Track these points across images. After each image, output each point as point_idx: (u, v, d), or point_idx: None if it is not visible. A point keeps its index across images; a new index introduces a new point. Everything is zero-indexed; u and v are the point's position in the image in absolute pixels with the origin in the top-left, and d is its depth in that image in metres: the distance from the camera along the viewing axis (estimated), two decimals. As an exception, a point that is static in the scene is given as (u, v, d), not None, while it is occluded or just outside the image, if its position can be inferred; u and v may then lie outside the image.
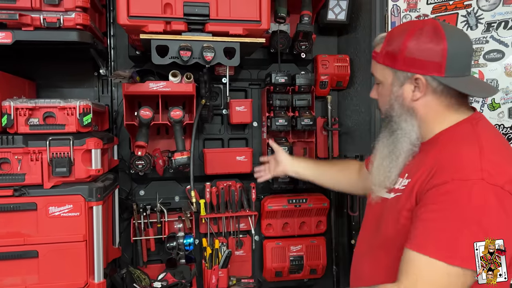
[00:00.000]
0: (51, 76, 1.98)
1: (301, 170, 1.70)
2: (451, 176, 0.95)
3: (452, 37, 1.05)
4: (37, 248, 1.50)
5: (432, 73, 1.05)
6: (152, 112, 1.79)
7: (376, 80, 1.20)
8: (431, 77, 1.06)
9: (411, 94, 1.09)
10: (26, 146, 1.49)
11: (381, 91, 1.19)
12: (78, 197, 1.53)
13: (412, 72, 1.07)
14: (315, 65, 2.24)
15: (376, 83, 1.21)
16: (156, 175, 2.05)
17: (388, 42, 1.12)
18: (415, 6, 1.92)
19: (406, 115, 1.12)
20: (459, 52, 1.06)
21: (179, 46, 1.59)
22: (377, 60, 1.16)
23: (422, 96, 1.09)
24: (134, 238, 2.02)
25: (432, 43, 1.05)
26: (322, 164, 1.73)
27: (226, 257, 2.05)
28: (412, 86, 1.09)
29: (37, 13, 1.52)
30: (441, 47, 1.04)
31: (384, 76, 1.15)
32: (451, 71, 1.05)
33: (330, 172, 1.68)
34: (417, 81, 1.07)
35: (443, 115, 1.10)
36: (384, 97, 1.17)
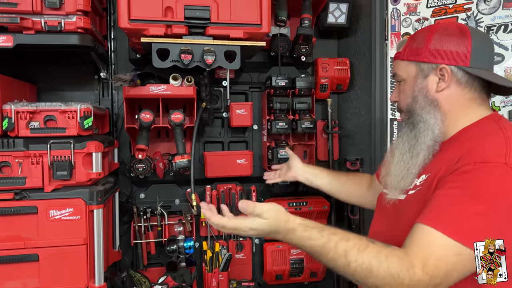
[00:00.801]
0: (52, 80, 1.99)
1: (313, 177, 1.67)
2: (473, 159, 0.95)
3: (475, 34, 1.09)
4: (37, 251, 1.50)
5: (458, 63, 1.07)
6: (152, 115, 1.79)
7: (398, 78, 1.20)
8: (456, 67, 1.07)
9: (436, 85, 1.10)
10: (27, 149, 1.49)
11: (403, 88, 1.18)
12: (79, 201, 1.53)
13: (437, 62, 1.09)
14: (315, 68, 2.24)
15: (397, 81, 1.21)
16: (157, 178, 2.05)
17: (412, 39, 1.16)
18: (415, 10, 1.92)
19: (430, 107, 1.11)
20: (483, 47, 1.10)
21: (180, 49, 1.59)
22: (401, 58, 1.17)
23: (446, 87, 1.09)
24: (134, 241, 2.02)
25: (456, 36, 1.08)
26: (334, 174, 1.69)
27: (226, 260, 2.04)
28: (437, 77, 1.10)
29: (38, 16, 1.52)
30: (465, 39, 1.07)
31: (408, 72, 1.15)
32: (476, 62, 1.07)
33: (342, 182, 1.64)
34: (442, 71, 1.08)
35: (467, 108, 1.10)
36: (407, 92, 1.17)
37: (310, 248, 1.02)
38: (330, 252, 0.98)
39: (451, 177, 0.97)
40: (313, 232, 1.02)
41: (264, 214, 1.06)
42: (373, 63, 1.98)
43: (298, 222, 1.05)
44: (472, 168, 0.94)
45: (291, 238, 1.05)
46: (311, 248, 1.01)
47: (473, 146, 0.99)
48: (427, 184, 1.05)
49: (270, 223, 1.06)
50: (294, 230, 1.04)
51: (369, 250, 0.95)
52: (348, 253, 0.96)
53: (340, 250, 0.97)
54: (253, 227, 1.07)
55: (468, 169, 0.95)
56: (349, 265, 0.96)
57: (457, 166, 0.97)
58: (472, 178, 0.93)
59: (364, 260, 0.94)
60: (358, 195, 1.60)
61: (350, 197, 1.65)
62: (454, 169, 0.97)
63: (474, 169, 0.94)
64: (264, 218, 1.06)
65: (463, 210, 0.92)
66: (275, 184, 2.05)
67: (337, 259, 0.98)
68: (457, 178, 0.96)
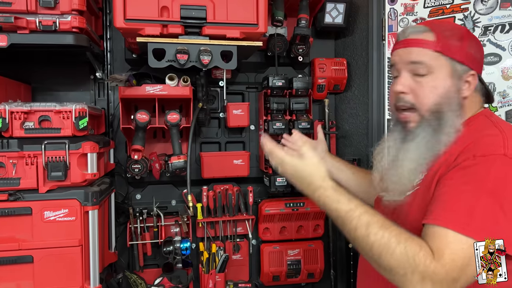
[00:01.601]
0: (46, 80, 1.97)
1: (335, 170, 1.57)
2: (472, 154, 0.96)
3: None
4: (32, 253, 1.48)
5: (479, 70, 1.11)
6: (148, 115, 1.78)
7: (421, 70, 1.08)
8: (478, 75, 1.10)
9: (463, 90, 1.09)
10: (21, 150, 1.47)
11: (430, 82, 1.08)
12: (74, 202, 1.51)
13: (471, 67, 1.08)
14: (312, 69, 2.24)
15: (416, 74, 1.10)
16: (153, 179, 2.04)
17: (445, 33, 1.08)
18: (412, 10, 1.92)
19: (459, 111, 1.09)
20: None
21: (176, 49, 1.58)
22: (433, 48, 1.07)
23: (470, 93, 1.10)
24: (130, 243, 2.00)
25: (478, 42, 1.13)
26: (355, 170, 1.60)
27: (223, 262, 2.03)
28: (464, 81, 1.09)
29: (33, 16, 1.51)
30: (481, 47, 1.12)
31: (439, 66, 1.07)
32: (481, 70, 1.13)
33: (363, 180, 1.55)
34: (470, 78, 1.08)
35: (471, 110, 1.12)
36: (437, 89, 1.08)
37: (336, 211, 1.01)
38: (354, 221, 0.98)
39: (452, 173, 0.97)
40: (343, 196, 1.02)
41: (306, 155, 1.09)
42: (370, 64, 1.98)
43: (332, 184, 1.05)
44: (473, 162, 0.95)
45: (320, 195, 1.05)
46: (337, 211, 1.01)
47: (471, 142, 1.00)
48: (426, 183, 1.04)
49: (308, 168, 1.08)
50: (326, 188, 1.04)
51: (391, 230, 0.94)
52: (370, 226, 0.95)
53: (363, 221, 0.96)
54: (293, 164, 1.10)
55: (469, 164, 0.95)
56: (368, 237, 0.95)
57: (457, 162, 0.97)
58: (473, 172, 0.94)
59: (384, 236, 0.93)
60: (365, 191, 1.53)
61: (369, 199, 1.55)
62: (453, 165, 0.97)
63: (475, 164, 0.94)
64: (304, 158, 1.08)
65: (470, 205, 0.91)
66: (272, 184, 2.05)
67: (358, 228, 0.97)
68: (459, 174, 0.96)
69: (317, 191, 1.05)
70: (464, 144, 1.01)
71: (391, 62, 1.19)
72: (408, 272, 0.89)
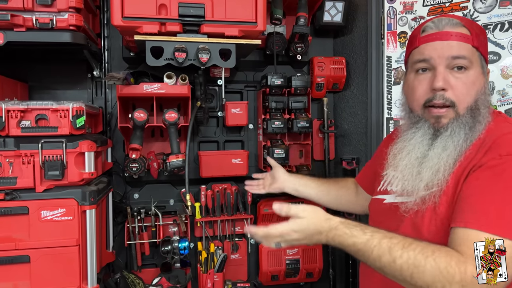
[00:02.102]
0: (43, 78, 1.96)
1: (301, 188, 1.61)
2: (498, 152, 0.94)
3: None
4: (29, 253, 1.47)
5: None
6: (146, 114, 1.77)
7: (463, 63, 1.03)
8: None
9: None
10: (17, 149, 1.46)
11: (470, 78, 1.04)
12: (71, 201, 1.50)
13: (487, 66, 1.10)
14: (311, 67, 2.23)
15: (454, 68, 1.05)
16: (151, 178, 2.03)
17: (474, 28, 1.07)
18: (411, 8, 1.91)
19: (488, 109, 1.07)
20: None
21: (174, 47, 1.57)
22: (471, 43, 1.04)
23: None
24: (128, 242, 1.99)
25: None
26: (322, 182, 1.63)
27: (221, 261, 2.02)
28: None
29: (29, 13, 1.50)
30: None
31: (477, 62, 1.05)
32: None
33: (331, 190, 1.59)
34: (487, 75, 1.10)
35: None
36: (476, 85, 1.05)
37: (354, 245, 0.98)
38: (374, 250, 0.94)
39: (478, 173, 0.95)
40: (355, 229, 0.99)
41: (300, 213, 1.04)
42: (369, 62, 1.97)
43: (339, 220, 1.03)
44: (499, 161, 0.93)
45: (334, 236, 1.01)
46: (355, 245, 0.98)
47: (493, 142, 0.97)
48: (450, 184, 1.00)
49: (310, 222, 1.03)
50: (336, 228, 1.01)
51: (414, 247, 0.91)
52: (392, 250, 0.92)
53: (384, 247, 0.93)
54: (295, 228, 1.04)
55: (496, 163, 0.93)
56: (394, 262, 0.91)
57: (482, 162, 0.95)
58: (501, 171, 0.92)
59: (410, 256, 0.90)
60: (347, 201, 1.57)
61: (341, 205, 1.60)
62: (478, 165, 0.95)
63: (502, 163, 0.92)
64: (302, 217, 1.03)
65: (501, 204, 0.89)
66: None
67: (381, 255, 0.93)
68: (486, 174, 0.93)
69: (330, 234, 1.02)
70: (483, 143, 0.99)
71: (421, 56, 1.09)
72: (447, 285, 0.86)
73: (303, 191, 1.61)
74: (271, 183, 1.70)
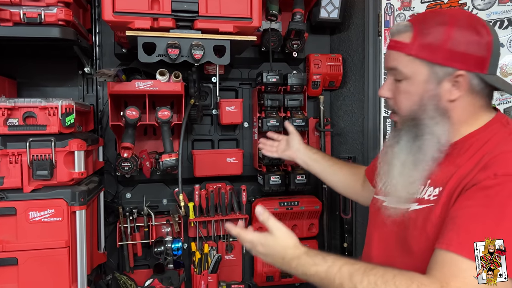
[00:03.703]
0: (33, 75, 1.91)
1: (311, 162, 1.57)
2: (493, 171, 0.87)
3: (492, 30, 0.96)
4: (16, 255, 1.43)
5: (475, 69, 0.95)
6: (138, 112, 1.73)
7: (398, 76, 1.03)
8: (473, 74, 0.96)
9: (449, 93, 0.98)
10: (4, 147, 1.41)
11: (406, 88, 1.02)
12: (60, 201, 1.46)
13: (454, 67, 0.95)
14: (307, 65, 2.19)
15: (392, 78, 1.06)
16: (143, 178, 1.99)
17: (422, 31, 0.98)
18: (409, 5, 1.88)
19: (440, 118, 0.99)
20: (498, 47, 0.97)
21: (166, 43, 1.53)
22: (407, 52, 1.00)
23: (460, 96, 0.98)
24: (120, 243, 1.95)
25: (477, 35, 0.94)
26: (334, 163, 1.58)
27: (215, 262, 1.99)
28: (450, 84, 0.97)
29: (17, 8, 1.46)
30: (486, 40, 0.94)
31: (415, 71, 0.99)
32: (492, 68, 0.96)
33: (340, 173, 1.55)
34: (458, 78, 0.96)
35: (475, 116, 1.00)
36: (412, 96, 1.01)
37: (316, 274, 0.96)
38: (336, 277, 0.93)
39: (471, 193, 0.89)
40: (317, 257, 0.97)
41: (274, 230, 1.04)
42: (366, 60, 1.94)
43: (304, 249, 1.02)
44: (494, 183, 0.86)
45: (297, 264, 1.00)
46: (317, 274, 0.96)
47: (490, 158, 0.90)
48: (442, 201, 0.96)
49: (278, 242, 1.04)
50: (299, 257, 1.00)
51: (375, 272, 0.89)
52: (353, 276, 0.90)
53: (344, 273, 0.92)
54: (262, 242, 1.05)
55: (490, 184, 0.86)
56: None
57: (477, 179, 0.89)
58: (495, 194, 0.85)
59: (370, 280, 0.88)
60: (352, 191, 1.54)
61: (346, 191, 1.57)
62: (472, 183, 0.89)
63: (496, 184, 0.86)
64: (273, 234, 1.04)
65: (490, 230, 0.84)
66: (266, 183, 2.01)
67: (343, 283, 0.91)
68: (479, 195, 0.87)
69: (293, 262, 1.01)
70: (481, 158, 0.92)
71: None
72: None
73: (312, 165, 1.58)
74: (284, 149, 1.66)
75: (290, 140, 1.65)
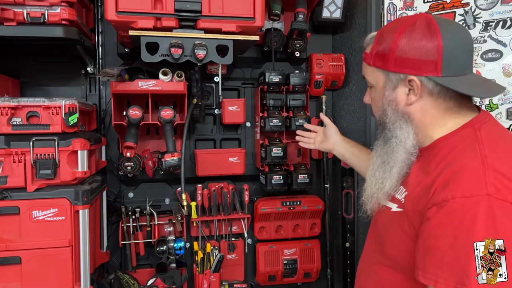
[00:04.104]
0: (36, 74, 1.91)
1: (349, 155, 1.58)
2: (451, 193, 0.85)
3: (447, 32, 0.95)
4: (20, 254, 1.43)
5: (427, 73, 0.96)
6: (141, 111, 1.73)
7: (369, 84, 1.10)
8: (426, 78, 0.96)
9: (405, 97, 1.00)
10: (8, 147, 1.42)
11: (373, 95, 1.10)
12: (64, 201, 1.46)
13: (405, 73, 0.97)
14: (309, 64, 2.19)
15: (369, 87, 1.12)
16: (146, 177, 1.99)
17: (378, 41, 1.02)
18: (412, 5, 1.88)
19: (401, 122, 1.02)
20: (457, 47, 0.96)
21: (169, 43, 1.53)
22: (368, 62, 1.06)
23: (418, 100, 0.99)
24: (122, 242, 1.95)
25: (425, 40, 0.95)
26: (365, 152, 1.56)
27: (218, 261, 1.99)
28: (406, 88, 0.99)
29: (20, 7, 1.46)
30: (435, 44, 0.94)
31: (376, 79, 1.05)
32: (449, 69, 0.95)
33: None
34: (411, 83, 0.98)
35: (442, 119, 1.00)
36: (377, 102, 1.08)
37: None
38: None
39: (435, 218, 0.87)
40: None
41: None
42: (369, 59, 1.93)
43: None
44: (454, 207, 0.84)
45: None
46: None
47: (449, 172, 0.90)
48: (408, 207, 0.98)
49: None
50: None
51: None
52: None
53: None
54: None
55: (451, 209, 0.84)
56: None
57: (437, 200, 0.88)
58: (458, 222, 0.83)
59: None
60: None
61: None
62: (433, 203, 0.88)
63: (457, 209, 0.84)
64: None
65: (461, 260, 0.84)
66: (268, 182, 2.01)
67: None
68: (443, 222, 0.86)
69: None
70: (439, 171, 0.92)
71: None
72: None
73: (350, 159, 1.59)
74: (322, 140, 1.68)
75: (327, 132, 1.66)
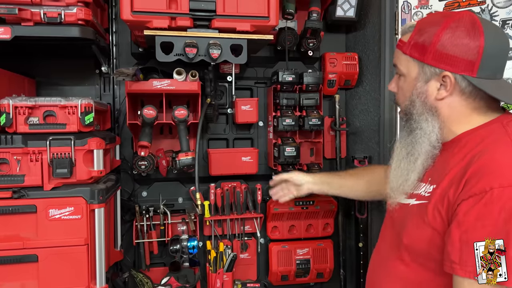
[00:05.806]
0: (51, 74, 1.93)
1: (326, 187, 1.62)
2: (489, 184, 0.85)
3: (490, 34, 0.96)
4: (36, 252, 1.44)
5: (463, 72, 0.97)
6: (155, 111, 1.74)
7: (398, 72, 1.12)
8: (461, 76, 0.98)
9: (436, 92, 1.02)
10: (25, 146, 1.43)
11: (402, 84, 1.10)
12: (80, 199, 1.47)
13: (442, 68, 0.99)
14: (322, 63, 2.18)
15: (397, 74, 1.13)
16: (159, 176, 2.00)
17: (419, 32, 1.03)
18: (427, 3, 1.86)
19: (428, 115, 1.04)
20: (496, 51, 0.97)
21: (184, 42, 1.53)
22: (403, 51, 1.07)
23: (448, 96, 1.01)
24: (136, 241, 1.96)
25: (468, 38, 0.96)
26: (347, 177, 1.62)
27: (231, 261, 1.99)
28: (438, 83, 1.01)
29: (37, 7, 1.47)
30: (477, 44, 0.95)
31: (408, 69, 1.06)
32: (484, 71, 0.96)
33: (359, 183, 1.57)
34: (445, 79, 0.99)
35: (468, 117, 1.02)
36: (405, 92, 1.09)
37: None
38: None
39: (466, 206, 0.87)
40: None
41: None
42: (383, 58, 1.92)
43: None
44: (493, 197, 0.84)
45: None
46: None
47: (483, 162, 0.89)
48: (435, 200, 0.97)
49: None
50: None
51: None
52: None
53: None
54: None
55: (489, 200, 0.84)
56: None
57: (472, 191, 0.87)
58: (491, 210, 0.84)
59: None
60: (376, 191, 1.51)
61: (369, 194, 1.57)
62: (468, 195, 0.88)
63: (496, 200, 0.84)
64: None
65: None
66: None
67: None
68: (475, 211, 0.86)
69: None
70: (471, 162, 0.92)
71: None
72: None
73: (328, 190, 1.63)
74: (298, 189, 1.68)
75: (294, 181, 1.67)
